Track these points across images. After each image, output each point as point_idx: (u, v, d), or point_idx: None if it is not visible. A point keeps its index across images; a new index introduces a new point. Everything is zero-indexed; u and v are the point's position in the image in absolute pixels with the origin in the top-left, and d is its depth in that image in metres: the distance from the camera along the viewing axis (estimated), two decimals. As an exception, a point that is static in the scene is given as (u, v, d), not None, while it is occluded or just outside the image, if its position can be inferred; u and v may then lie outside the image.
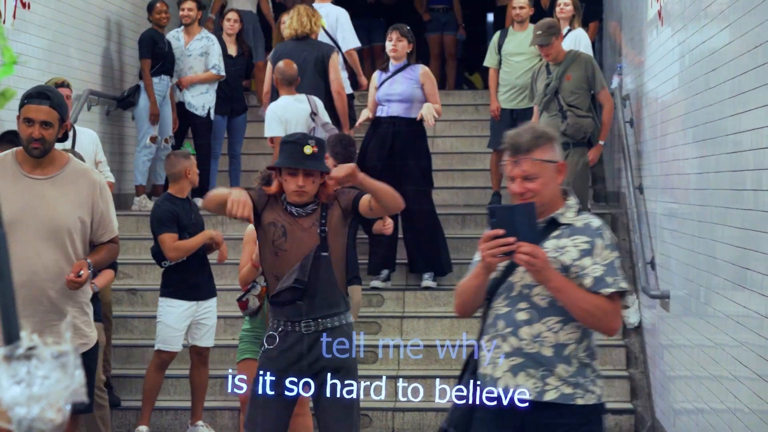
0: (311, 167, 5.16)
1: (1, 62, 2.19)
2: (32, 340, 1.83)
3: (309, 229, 5.25)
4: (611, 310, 4.03)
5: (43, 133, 5.16)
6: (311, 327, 5.25)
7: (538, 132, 4.08)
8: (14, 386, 1.78)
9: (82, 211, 5.27)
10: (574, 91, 8.87)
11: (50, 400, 1.78)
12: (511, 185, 4.08)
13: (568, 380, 4.08)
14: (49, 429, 1.78)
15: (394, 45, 9.17)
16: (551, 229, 4.07)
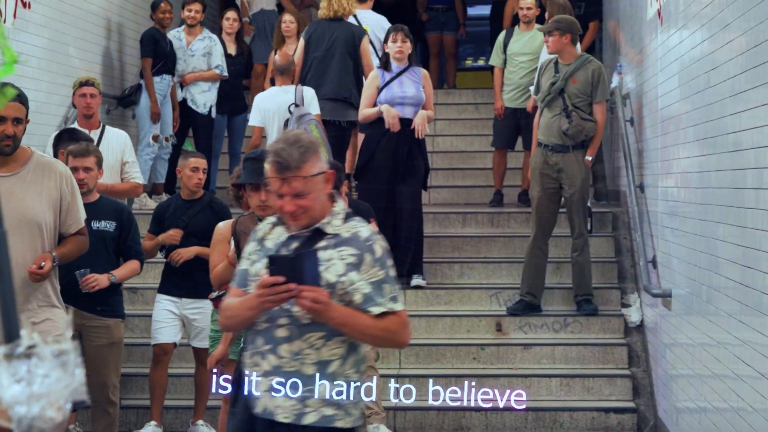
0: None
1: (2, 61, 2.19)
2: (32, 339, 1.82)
3: None
4: (397, 326, 3.85)
5: (15, 129, 5.20)
6: None
7: (304, 145, 3.82)
8: (14, 385, 1.77)
9: (51, 204, 5.29)
10: (579, 95, 8.84)
11: (50, 399, 1.78)
12: (279, 202, 3.85)
13: (331, 401, 3.83)
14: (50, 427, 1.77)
15: (399, 47, 9.12)
16: (316, 239, 3.87)
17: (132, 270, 7.00)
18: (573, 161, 8.83)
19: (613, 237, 9.95)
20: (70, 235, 5.42)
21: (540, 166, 8.90)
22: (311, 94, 9.32)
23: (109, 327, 6.86)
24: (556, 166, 8.85)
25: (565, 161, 8.84)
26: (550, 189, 8.92)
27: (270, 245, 3.96)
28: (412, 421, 8.30)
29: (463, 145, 12.40)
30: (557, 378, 8.53)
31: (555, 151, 8.86)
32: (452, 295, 9.34)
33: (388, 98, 9.06)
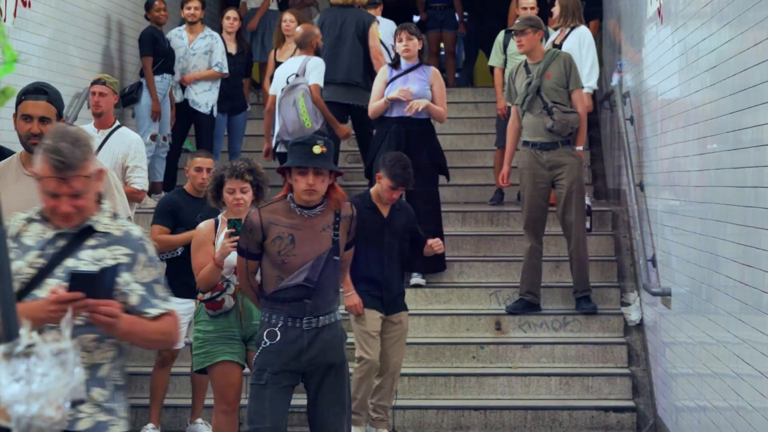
0: (320, 165, 5.27)
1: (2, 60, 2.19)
2: (32, 338, 1.82)
3: (321, 231, 5.40)
4: (173, 327, 3.78)
5: (42, 128, 5.17)
6: (312, 323, 5.40)
7: (84, 143, 3.64)
8: (14, 384, 1.77)
9: None
10: (555, 88, 8.82)
11: (49, 398, 1.78)
12: (53, 202, 3.65)
13: (104, 406, 3.71)
14: (48, 426, 1.77)
15: (405, 45, 9.09)
16: (85, 237, 3.70)
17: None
18: (565, 155, 8.81)
19: (612, 236, 9.95)
20: None
21: (530, 166, 8.88)
22: (313, 65, 9.47)
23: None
24: (548, 163, 8.83)
25: (557, 157, 8.83)
26: (542, 189, 8.91)
27: (31, 242, 3.75)
28: (411, 420, 8.30)
29: (463, 143, 12.40)
30: (556, 377, 8.52)
31: (544, 149, 8.84)
32: (451, 293, 9.34)
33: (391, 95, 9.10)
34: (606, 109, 11.40)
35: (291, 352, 5.40)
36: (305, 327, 5.38)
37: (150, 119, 10.86)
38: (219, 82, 11.22)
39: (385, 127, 9.12)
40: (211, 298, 6.41)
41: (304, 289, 5.34)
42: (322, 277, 5.35)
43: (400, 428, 8.29)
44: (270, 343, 5.41)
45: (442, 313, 9.16)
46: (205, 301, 6.44)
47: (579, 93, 8.90)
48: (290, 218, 5.38)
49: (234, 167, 6.40)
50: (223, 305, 6.42)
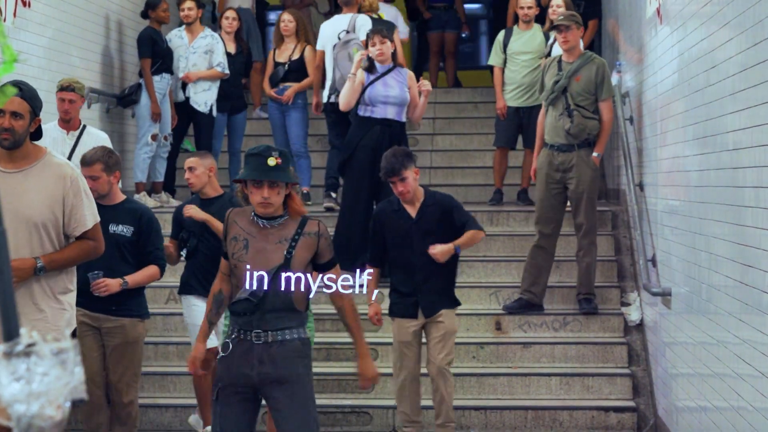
0: (275, 178, 5.16)
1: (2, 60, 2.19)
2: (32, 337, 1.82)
3: (275, 245, 5.26)
4: None
5: (14, 123, 5.21)
6: (261, 338, 5.26)
7: None
8: (14, 383, 1.77)
9: (51, 203, 5.30)
10: (582, 93, 8.81)
11: (50, 397, 1.78)
12: None
13: None
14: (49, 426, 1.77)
15: (379, 49, 9.10)
16: None
17: (149, 276, 6.85)
18: (579, 159, 8.81)
19: (612, 236, 9.95)
20: (77, 238, 5.42)
21: (545, 167, 8.88)
22: (362, 21, 10.24)
23: (124, 326, 6.74)
24: (562, 165, 8.83)
25: (571, 160, 8.82)
26: (555, 190, 8.90)
27: None
28: (412, 420, 8.29)
29: (462, 143, 12.41)
30: (557, 377, 8.52)
31: (561, 151, 8.85)
32: (452, 293, 9.33)
33: (372, 97, 9.08)
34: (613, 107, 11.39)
35: (241, 367, 5.26)
36: (254, 341, 5.24)
37: (150, 120, 10.87)
38: (218, 82, 11.23)
39: (365, 127, 9.12)
40: None
41: (249, 303, 5.22)
42: (269, 292, 5.19)
43: (399, 428, 8.28)
44: (222, 354, 5.32)
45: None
46: None
47: (608, 103, 8.91)
48: (249, 225, 5.30)
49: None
50: None
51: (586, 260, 8.87)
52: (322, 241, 5.32)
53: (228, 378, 5.29)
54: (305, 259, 5.28)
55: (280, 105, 11.09)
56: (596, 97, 8.84)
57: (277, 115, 11.16)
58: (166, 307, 9.33)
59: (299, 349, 5.33)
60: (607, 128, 8.91)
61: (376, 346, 8.80)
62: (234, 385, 5.28)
